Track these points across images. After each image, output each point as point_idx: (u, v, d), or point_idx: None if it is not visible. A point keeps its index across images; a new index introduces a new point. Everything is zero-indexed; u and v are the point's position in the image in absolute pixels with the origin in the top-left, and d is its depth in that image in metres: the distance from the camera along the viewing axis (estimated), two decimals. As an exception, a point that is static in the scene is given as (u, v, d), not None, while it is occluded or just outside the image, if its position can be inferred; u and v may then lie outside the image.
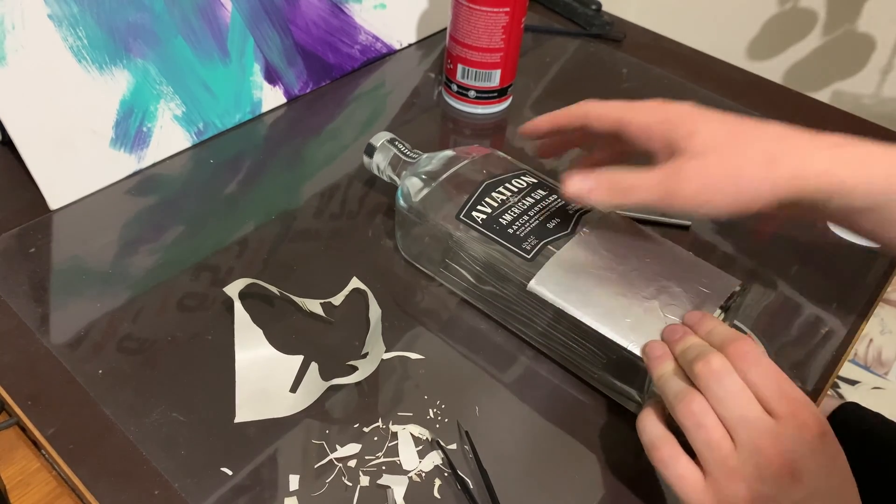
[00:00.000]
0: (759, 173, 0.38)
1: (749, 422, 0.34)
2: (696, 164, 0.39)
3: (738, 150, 0.39)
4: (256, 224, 0.55)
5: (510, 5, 0.62)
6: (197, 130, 0.62)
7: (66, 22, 0.53)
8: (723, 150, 0.39)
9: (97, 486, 0.39)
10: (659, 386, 0.38)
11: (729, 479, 0.34)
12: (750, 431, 0.34)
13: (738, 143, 0.39)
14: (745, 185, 0.38)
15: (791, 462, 0.33)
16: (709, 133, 0.40)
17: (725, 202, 0.38)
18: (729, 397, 0.35)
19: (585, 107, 0.45)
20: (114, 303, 0.49)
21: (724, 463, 0.34)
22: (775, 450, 0.34)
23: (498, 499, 0.40)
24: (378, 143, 0.55)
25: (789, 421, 0.34)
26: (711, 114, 0.41)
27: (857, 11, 1.04)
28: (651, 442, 0.37)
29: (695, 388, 0.36)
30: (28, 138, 0.53)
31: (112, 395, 0.43)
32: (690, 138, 0.40)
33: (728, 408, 0.35)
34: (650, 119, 0.42)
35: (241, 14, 0.62)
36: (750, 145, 0.39)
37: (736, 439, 0.34)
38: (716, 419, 0.35)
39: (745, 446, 0.34)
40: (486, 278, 0.47)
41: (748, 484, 0.34)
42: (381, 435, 0.42)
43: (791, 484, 0.33)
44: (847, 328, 0.51)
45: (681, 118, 0.41)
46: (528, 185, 0.50)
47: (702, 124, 0.40)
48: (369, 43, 0.73)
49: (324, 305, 0.49)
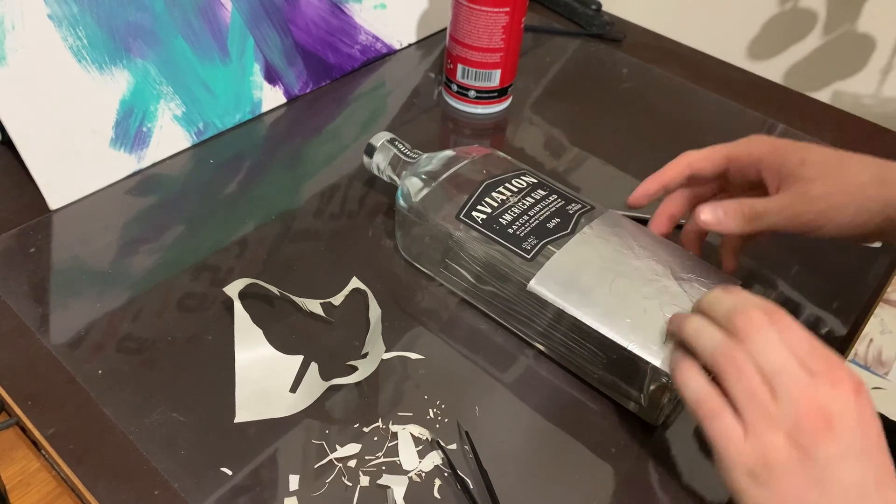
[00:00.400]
0: (873, 192, 0.43)
1: (788, 372, 0.35)
2: (819, 187, 0.43)
3: (851, 174, 0.43)
4: (256, 224, 0.55)
5: (510, 5, 0.62)
6: (197, 130, 0.62)
7: (66, 22, 0.53)
8: (837, 175, 0.43)
9: (97, 486, 0.39)
10: (694, 338, 0.38)
11: (768, 429, 0.34)
12: (789, 382, 0.35)
13: (848, 167, 0.44)
14: (861, 204, 0.43)
15: (827, 416, 0.34)
16: (818, 159, 0.44)
17: (846, 220, 0.43)
18: (769, 348, 0.36)
19: (688, 158, 0.48)
20: (114, 303, 0.49)
21: (764, 412, 0.35)
22: (813, 402, 0.34)
23: (498, 499, 0.40)
24: (378, 143, 0.55)
25: (825, 377, 0.35)
26: (815, 145, 0.45)
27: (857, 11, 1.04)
28: (696, 396, 0.37)
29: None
30: (28, 138, 0.53)
31: (112, 395, 0.43)
32: (803, 165, 0.44)
33: (768, 359, 0.35)
34: (759, 149, 0.46)
35: (241, 14, 0.62)
36: (860, 170, 0.44)
37: (775, 389, 0.35)
38: (755, 370, 0.36)
39: (784, 396, 0.35)
40: (486, 278, 0.47)
41: (787, 433, 0.34)
42: (380, 435, 0.42)
43: (827, 438, 0.34)
44: (847, 328, 0.51)
45: (789, 147, 0.45)
46: (528, 185, 0.50)
47: (809, 153, 0.44)
48: (369, 43, 0.73)
49: (324, 305, 0.49)
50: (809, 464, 0.33)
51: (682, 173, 0.48)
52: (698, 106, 0.73)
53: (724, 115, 0.71)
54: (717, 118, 0.71)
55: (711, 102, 0.73)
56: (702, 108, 0.72)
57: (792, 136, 0.69)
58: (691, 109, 0.72)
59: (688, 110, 0.72)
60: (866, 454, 0.34)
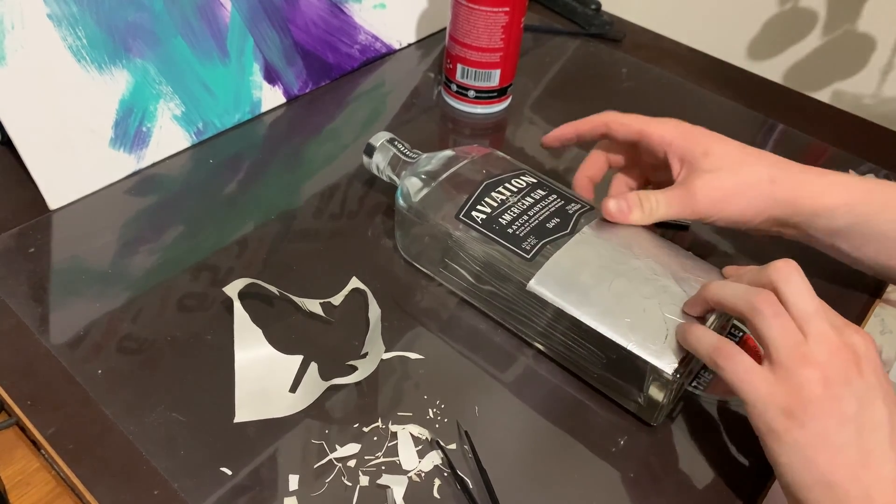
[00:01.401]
0: (764, 190, 0.46)
1: (821, 314, 0.37)
2: (711, 180, 0.46)
3: (746, 169, 0.46)
4: (256, 224, 0.55)
5: (510, 5, 0.62)
6: (196, 130, 0.62)
7: (66, 22, 0.53)
8: (732, 169, 0.46)
9: (97, 486, 0.39)
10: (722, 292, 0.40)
11: (802, 364, 0.36)
12: (819, 323, 0.36)
13: (745, 163, 0.47)
14: (751, 200, 0.46)
15: (856, 354, 0.36)
16: (721, 153, 0.47)
17: (734, 213, 0.47)
18: (804, 292, 0.37)
19: (607, 117, 0.51)
20: (114, 303, 0.49)
21: (797, 348, 0.36)
22: (842, 341, 0.36)
23: (497, 499, 0.40)
24: (378, 143, 0.55)
25: (844, 328, 0.37)
26: (721, 137, 0.48)
27: (857, 11, 1.04)
28: (712, 344, 0.39)
29: None
30: (27, 138, 0.53)
31: (112, 395, 0.43)
32: (706, 157, 0.47)
33: (804, 301, 0.37)
34: (671, 133, 0.48)
35: (240, 14, 0.62)
36: (755, 167, 0.47)
37: (806, 330, 0.36)
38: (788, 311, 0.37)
39: (816, 335, 0.36)
40: (486, 278, 0.47)
41: (821, 369, 0.35)
42: (380, 435, 0.42)
43: (856, 374, 0.35)
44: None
45: (698, 136, 0.48)
46: (528, 184, 0.50)
47: (715, 144, 0.47)
48: (369, 43, 0.73)
49: (323, 305, 0.49)
50: (843, 399, 0.35)
51: (597, 128, 0.51)
52: (698, 106, 0.73)
53: (724, 115, 0.71)
54: (716, 118, 0.71)
55: (711, 102, 0.73)
56: (702, 108, 0.72)
57: (792, 136, 0.69)
58: (691, 109, 0.72)
59: (687, 110, 0.72)
60: (889, 396, 0.36)
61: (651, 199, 0.47)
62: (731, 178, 0.46)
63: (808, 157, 0.68)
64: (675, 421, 0.45)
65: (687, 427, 0.44)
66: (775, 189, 0.46)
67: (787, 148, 0.68)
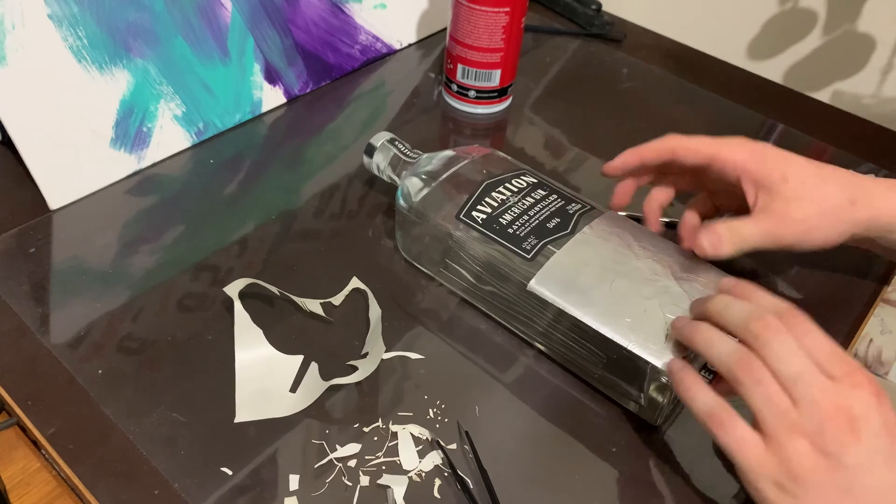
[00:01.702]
0: (845, 215, 0.45)
1: (808, 377, 0.35)
2: (795, 210, 0.45)
3: (827, 195, 0.45)
4: (256, 224, 0.55)
5: (510, 5, 0.62)
6: (197, 130, 0.62)
7: (66, 22, 0.53)
8: (815, 196, 0.45)
9: (97, 486, 0.39)
10: (706, 347, 0.38)
11: (790, 436, 0.34)
12: (809, 387, 0.34)
13: (825, 189, 0.46)
14: (835, 226, 0.46)
15: (851, 418, 0.33)
16: (800, 177, 0.45)
17: (819, 239, 0.46)
18: (787, 354, 0.35)
19: (672, 142, 0.48)
20: (114, 303, 0.49)
21: (784, 418, 0.34)
22: (834, 405, 0.34)
23: (498, 499, 0.40)
24: (378, 143, 0.55)
25: (845, 381, 0.34)
26: (795, 157, 0.47)
27: (857, 11, 1.04)
28: (706, 409, 0.37)
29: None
30: (28, 138, 0.53)
31: (112, 395, 0.43)
32: (785, 183, 0.45)
33: (786, 364, 0.35)
34: (742, 157, 0.46)
35: (241, 14, 0.62)
36: (835, 191, 0.46)
37: (794, 395, 0.34)
38: (773, 377, 0.35)
39: (804, 401, 0.34)
40: (486, 278, 0.47)
41: (810, 440, 0.34)
42: (380, 435, 0.42)
43: (852, 441, 0.33)
44: (847, 328, 0.51)
45: (771, 159, 0.46)
46: (528, 184, 0.50)
47: (791, 168, 0.46)
48: (369, 43, 0.73)
49: (324, 305, 0.49)
50: (838, 470, 0.33)
51: (662, 155, 0.49)
52: (698, 106, 0.73)
53: (724, 115, 0.71)
54: (717, 118, 0.71)
55: (711, 102, 0.73)
56: (702, 108, 0.72)
57: (792, 136, 0.69)
58: (691, 109, 0.72)
59: (688, 110, 0.72)
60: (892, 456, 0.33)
61: (740, 230, 0.45)
62: (815, 206, 0.45)
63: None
64: (675, 421, 0.45)
65: (687, 427, 0.44)
66: (856, 211, 0.45)
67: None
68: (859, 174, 0.47)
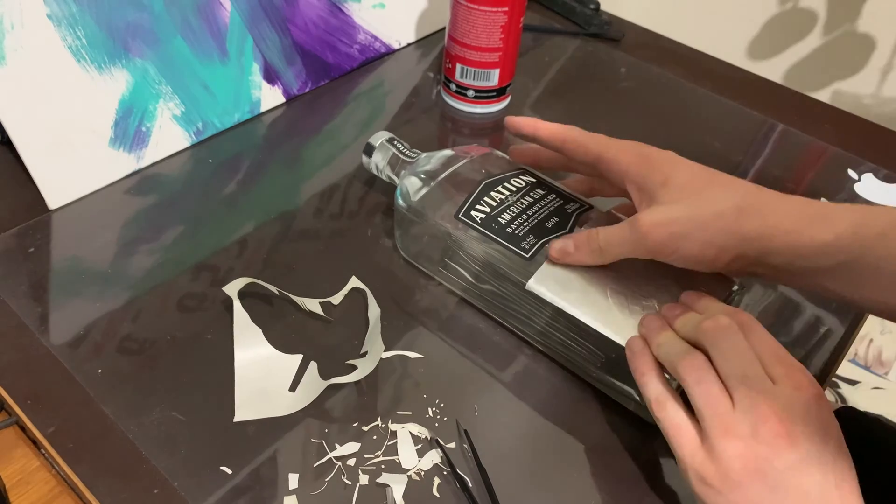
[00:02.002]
0: (729, 226, 0.38)
1: (749, 380, 0.35)
2: (663, 213, 0.40)
3: (709, 201, 0.39)
4: (256, 224, 0.55)
5: (509, 5, 0.62)
6: (196, 130, 0.62)
7: (66, 21, 0.53)
8: (693, 200, 0.39)
9: (97, 485, 0.39)
10: (661, 352, 0.39)
11: (724, 436, 0.34)
12: (749, 390, 0.35)
13: (709, 194, 0.40)
14: (713, 236, 0.39)
15: (787, 423, 0.34)
16: (681, 182, 0.40)
17: (693, 251, 0.39)
18: (734, 354, 0.36)
19: (568, 132, 0.46)
20: (114, 303, 0.49)
21: (721, 419, 0.35)
22: (772, 410, 0.34)
23: (497, 497, 0.40)
24: (377, 143, 0.55)
25: (786, 382, 0.35)
26: (687, 163, 0.42)
27: (857, 11, 1.04)
28: (655, 393, 0.38)
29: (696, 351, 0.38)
30: (27, 138, 0.53)
31: (112, 395, 0.43)
32: (663, 186, 0.40)
33: (732, 364, 0.36)
34: (628, 159, 0.43)
35: (240, 14, 0.62)
36: (720, 198, 0.39)
37: (735, 398, 0.35)
38: (716, 377, 0.36)
39: (743, 404, 0.35)
40: (485, 277, 0.48)
41: (744, 442, 0.34)
42: (380, 434, 0.42)
43: (786, 446, 0.33)
44: (846, 328, 0.52)
45: (658, 162, 0.42)
46: (527, 184, 0.50)
47: (676, 172, 0.41)
48: (368, 42, 0.73)
49: (323, 305, 0.49)
50: (768, 473, 0.33)
51: (554, 138, 0.47)
52: (697, 105, 0.73)
53: (723, 114, 0.71)
54: (716, 118, 0.71)
55: (711, 102, 0.73)
56: (701, 108, 0.72)
57: (792, 136, 0.69)
58: (690, 109, 0.72)
59: (687, 110, 0.72)
60: (826, 460, 0.33)
61: (599, 237, 0.42)
62: (687, 210, 0.39)
63: (808, 157, 0.68)
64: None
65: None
66: (743, 224, 0.38)
67: (787, 148, 0.68)
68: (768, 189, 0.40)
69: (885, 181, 0.64)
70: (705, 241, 0.39)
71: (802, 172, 0.66)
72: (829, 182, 0.64)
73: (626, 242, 0.41)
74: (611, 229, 0.42)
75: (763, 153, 0.67)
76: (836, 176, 0.65)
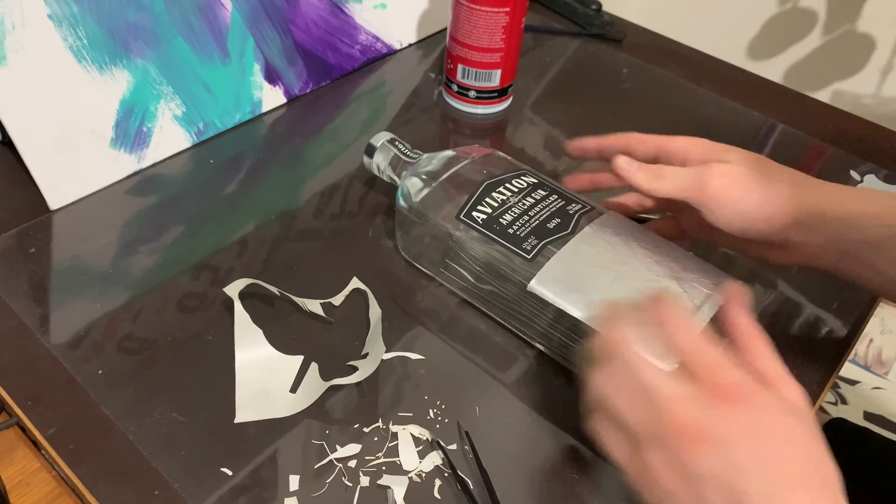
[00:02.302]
0: (787, 189, 0.42)
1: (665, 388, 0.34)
2: (730, 167, 0.43)
3: (769, 169, 0.43)
4: (256, 224, 0.55)
5: (510, 5, 0.62)
6: (197, 130, 0.62)
7: (66, 22, 0.53)
8: (755, 166, 0.43)
9: (97, 487, 0.39)
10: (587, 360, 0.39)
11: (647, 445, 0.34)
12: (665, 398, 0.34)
13: (767, 164, 0.44)
14: (773, 196, 0.42)
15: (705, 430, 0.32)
16: (743, 154, 0.44)
17: (753, 207, 0.42)
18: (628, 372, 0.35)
19: (628, 135, 0.49)
20: (114, 303, 0.49)
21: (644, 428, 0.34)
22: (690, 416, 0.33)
23: (498, 499, 0.40)
24: (378, 143, 0.55)
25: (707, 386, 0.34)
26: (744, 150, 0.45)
27: (857, 11, 1.04)
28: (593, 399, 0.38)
29: None
30: (28, 138, 0.53)
31: (112, 395, 0.43)
32: (727, 153, 0.44)
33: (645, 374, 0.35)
34: (691, 143, 0.46)
35: (241, 14, 0.62)
36: (779, 168, 0.44)
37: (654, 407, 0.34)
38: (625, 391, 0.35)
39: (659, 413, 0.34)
40: (487, 278, 0.47)
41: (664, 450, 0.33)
42: (381, 435, 0.42)
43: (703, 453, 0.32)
44: (847, 328, 0.51)
45: (718, 145, 0.45)
46: (529, 185, 0.50)
47: (736, 151, 0.45)
48: (369, 43, 0.73)
49: (324, 305, 0.49)
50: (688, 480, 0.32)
51: (617, 145, 0.48)
52: (698, 106, 0.73)
53: (723, 114, 0.71)
54: (716, 118, 0.71)
55: (711, 102, 0.73)
56: (702, 108, 0.72)
57: (792, 136, 0.69)
58: (691, 109, 0.72)
59: (688, 110, 0.72)
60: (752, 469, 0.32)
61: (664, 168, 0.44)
62: (751, 170, 0.42)
63: (809, 156, 0.68)
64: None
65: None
66: (799, 191, 0.42)
67: (787, 148, 0.68)
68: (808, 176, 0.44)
69: (885, 181, 0.64)
70: (764, 199, 0.42)
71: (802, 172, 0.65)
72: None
73: (686, 180, 0.43)
74: (676, 167, 0.44)
75: (763, 153, 0.66)
76: (836, 176, 0.65)
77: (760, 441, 0.32)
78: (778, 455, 0.32)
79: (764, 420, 0.33)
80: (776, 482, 0.31)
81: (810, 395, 0.47)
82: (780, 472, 0.31)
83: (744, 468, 0.31)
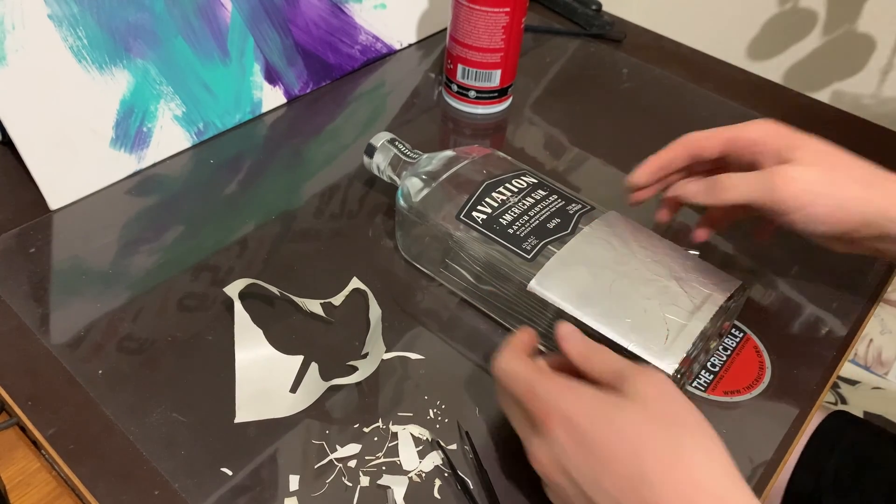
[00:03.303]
0: (859, 192, 0.42)
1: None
2: (802, 169, 0.42)
3: (841, 168, 0.43)
4: (256, 224, 0.55)
5: (510, 5, 0.62)
6: (197, 130, 0.62)
7: (66, 22, 0.53)
8: (827, 165, 0.42)
9: (97, 487, 0.39)
10: None
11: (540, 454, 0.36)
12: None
13: (840, 163, 0.43)
14: (844, 199, 0.42)
15: (559, 470, 0.35)
16: (814, 149, 0.43)
17: (824, 211, 0.42)
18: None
19: (689, 137, 0.48)
20: (114, 303, 0.49)
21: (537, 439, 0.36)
22: (547, 458, 0.35)
23: (498, 499, 0.40)
24: (378, 144, 0.55)
25: (541, 427, 0.35)
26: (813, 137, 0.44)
27: (857, 11, 1.04)
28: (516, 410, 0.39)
29: None
30: (28, 138, 0.53)
31: (112, 395, 0.43)
32: (797, 149, 0.43)
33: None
34: (759, 134, 0.45)
35: (241, 14, 0.62)
36: (854, 166, 0.43)
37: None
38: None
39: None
40: (487, 278, 0.47)
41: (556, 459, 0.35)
42: (381, 435, 0.42)
43: (569, 483, 0.34)
44: (847, 328, 0.51)
45: (789, 133, 0.44)
46: (529, 185, 0.50)
47: (809, 140, 0.44)
48: (369, 43, 0.73)
49: (324, 305, 0.49)
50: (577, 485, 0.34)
51: (682, 153, 0.48)
52: (698, 106, 0.73)
53: (724, 115, 0.71)
54: (717, 118, 0.71)
55: (711, 102, 0.73)
56: (702, 108, 0.72)
57: (792, 137, 0.69)
58: (691, 109, 0.72)
59: (688, 110, 0.72)
60: (602, 485, 0.33)
61: (728, 178, 0.43)
62: (824, 174, 0.42)
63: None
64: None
65: (687, 427, 0.44)
66: (871, 192, 0.42)
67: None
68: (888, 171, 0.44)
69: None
70: (837, 205, 0.42)
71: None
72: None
73: (754, 187, 0.43)
74: (739, 174, 0.43)
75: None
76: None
77: (596, 461, 0.33)
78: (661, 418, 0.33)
79: (585, 440, 0.34)
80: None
81: (810, 395, 0.47)
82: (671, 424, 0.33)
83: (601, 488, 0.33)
